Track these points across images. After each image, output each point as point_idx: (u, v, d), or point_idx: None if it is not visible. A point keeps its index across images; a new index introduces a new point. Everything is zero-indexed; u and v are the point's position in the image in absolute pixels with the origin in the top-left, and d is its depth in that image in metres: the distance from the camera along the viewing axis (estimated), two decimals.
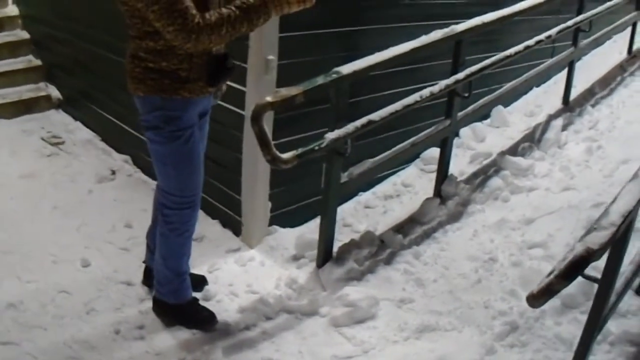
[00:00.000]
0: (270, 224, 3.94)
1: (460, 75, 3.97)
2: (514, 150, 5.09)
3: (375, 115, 3.46)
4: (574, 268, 2.23)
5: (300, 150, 3.03)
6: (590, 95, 6.23)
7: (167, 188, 2.95)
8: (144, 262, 3.47)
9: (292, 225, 4.06)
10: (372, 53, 3.57)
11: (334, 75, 3.19)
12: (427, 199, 4.40)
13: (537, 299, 2.30)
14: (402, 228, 4.18)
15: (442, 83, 3.86)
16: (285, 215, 4.02)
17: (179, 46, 2.60)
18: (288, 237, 3.98)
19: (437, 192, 4.45)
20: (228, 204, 4.00)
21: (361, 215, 4.42)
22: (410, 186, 4.80)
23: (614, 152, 5.11)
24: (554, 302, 3.53)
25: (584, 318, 3.44)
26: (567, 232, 4.13)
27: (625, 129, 5.57)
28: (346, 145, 3.37)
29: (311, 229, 4.04)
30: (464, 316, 3.48)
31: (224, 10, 2.58)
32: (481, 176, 4.77)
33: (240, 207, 3.90)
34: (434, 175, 4.75)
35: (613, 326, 3.25)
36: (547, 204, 4.48)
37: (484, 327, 3.39)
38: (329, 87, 3.19)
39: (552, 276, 2.25)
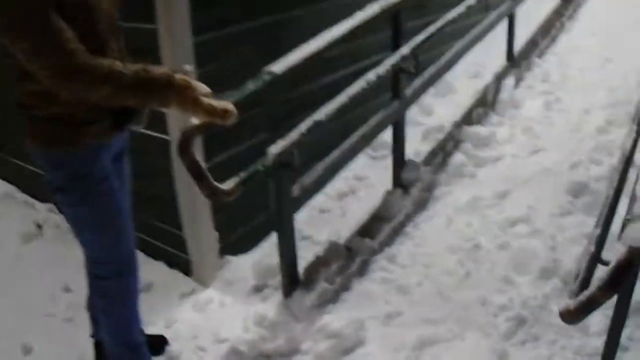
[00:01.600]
0: (222, 255, 3.48)
1: (405, 50, 3.52)
2: (468, 119, 4.68)
3: (321, 114, 2.96)
4: (621, 273, 1.74)
5: (242, 175, 2.52)
6: (533, 46, 5.88)
7: (93, 256, 2.49)
8: (91, 336, 2.91)
9: (246, 250, 3.61)
10: (299, 43, 3.04)
11: (267, 77, 2.66)
12: (388, 191, 3.96)
13: (574, 315, 1.85)
14: (368, 229, 3.74)
15: (387, 62, 3.40)
16: (237, 241, 3.55)
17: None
18: (244, 265, 3.49)
19: (397, 181, 4.00)
20: (170, 242, 3.51)
21: (318, 222, 3.92)
22: (364, 178, 4.31)
23: (573, 103, 4.78)
24: (554, 284, 3.15)
25: None
26: (549, 201, 3.76)
27: (579, 77, 5.29)
28: (293, 155, 2.85)
29: (267, 251, 3.58)
30: (462, 319, 3.08)
31: (117, 65, 2.01)
32: (440, 154, 4.35)
33: (184, 243, 3.43)
34: (386, 162, 4.31)
35: None
36: (518, 172, 4.10)
37: (487, 328, 3.01)
38: (263, 92, 2.65)
39: (593, 288, 1.78)
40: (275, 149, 2.71)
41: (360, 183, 4.23)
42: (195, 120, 2.34)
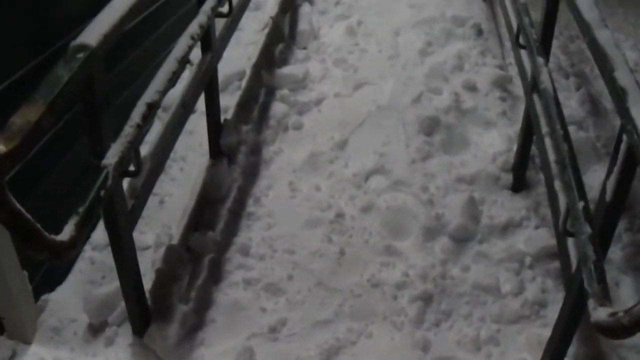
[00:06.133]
0: (38, 297, 2.62)
1: None
2: (270, 59, 4.10)
3: (152, 94, 2.20)
4: None
5: (80, 212, 1.73)
6: None
7: None
8: None
9: (64, 276, 2.77)
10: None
11: (82, 55, 1.84)
12: (212, 165, 3.31)
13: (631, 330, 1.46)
14: (202, 218, 3.11)
15: (206, 7, 2.68)
16: (49, 271, 2.68)
17: None
18: (68, 301, 2.66)
19: (216, 149, 3.34)
20: None
21: None
22: (172, 151, 3.52)
23: (376, 24, 4.42)
24: (445, 244, 2.82)
25: (489, 250, 2.88)
26: (400, 144, 3.43)
27: None
28: (135, 159, 2.10)
29: (89, 273, 2.80)
30: (358, 311, 2.70)
31: None
32: (253, 106, 3.77)
33: None
34: (193, 127, 3.59)
35: None
36: (349, 113, 3.68)
37: (393, 316, 2.68)
38: (81, 78, 1.85)
39: None
40: (112, 157, 1.94)
41: (169, 159, 3.47)
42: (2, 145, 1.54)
